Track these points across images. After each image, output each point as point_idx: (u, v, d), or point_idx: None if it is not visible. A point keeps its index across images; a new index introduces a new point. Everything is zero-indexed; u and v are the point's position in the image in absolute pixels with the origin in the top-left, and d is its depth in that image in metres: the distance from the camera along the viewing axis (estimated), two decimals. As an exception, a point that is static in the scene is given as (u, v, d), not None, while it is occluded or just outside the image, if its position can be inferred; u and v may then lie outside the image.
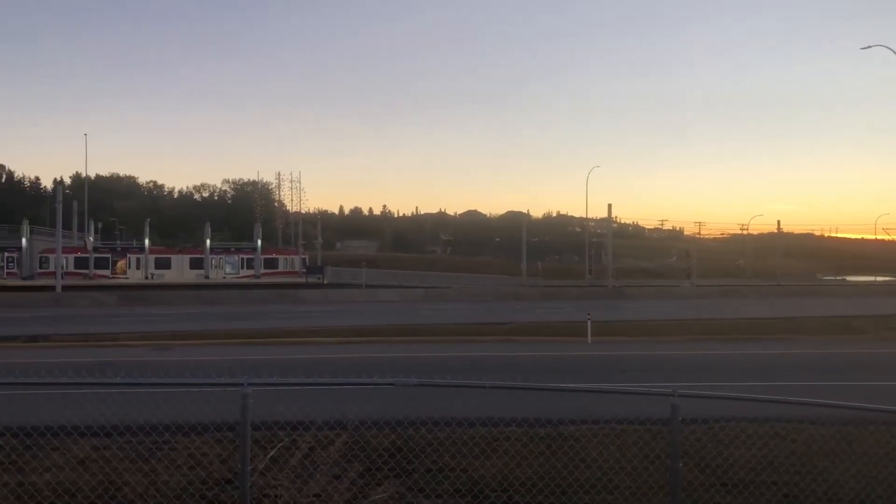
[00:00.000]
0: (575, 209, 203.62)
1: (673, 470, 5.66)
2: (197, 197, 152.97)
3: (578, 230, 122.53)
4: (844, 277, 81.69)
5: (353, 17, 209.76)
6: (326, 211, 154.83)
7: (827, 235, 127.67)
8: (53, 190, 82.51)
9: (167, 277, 64.65)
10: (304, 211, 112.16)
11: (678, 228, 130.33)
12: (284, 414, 8.45)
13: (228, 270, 69.70)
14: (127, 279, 64.08)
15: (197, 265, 67.83)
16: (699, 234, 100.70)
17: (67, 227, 59.58)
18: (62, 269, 51.47)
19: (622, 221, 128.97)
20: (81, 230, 75.51)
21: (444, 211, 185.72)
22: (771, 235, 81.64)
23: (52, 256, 59.88)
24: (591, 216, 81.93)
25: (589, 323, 23.20)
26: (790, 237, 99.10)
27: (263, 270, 69.26)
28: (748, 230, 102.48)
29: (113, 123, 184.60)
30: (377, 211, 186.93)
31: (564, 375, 16.56)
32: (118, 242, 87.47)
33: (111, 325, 29.56)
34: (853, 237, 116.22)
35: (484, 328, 27.00)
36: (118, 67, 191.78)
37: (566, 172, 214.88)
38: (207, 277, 65.61)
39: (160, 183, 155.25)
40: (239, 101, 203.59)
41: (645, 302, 46.36)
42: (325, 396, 9.27)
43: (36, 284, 56.53)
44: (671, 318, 31.33)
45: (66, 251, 57.95)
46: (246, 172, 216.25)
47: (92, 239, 75.53)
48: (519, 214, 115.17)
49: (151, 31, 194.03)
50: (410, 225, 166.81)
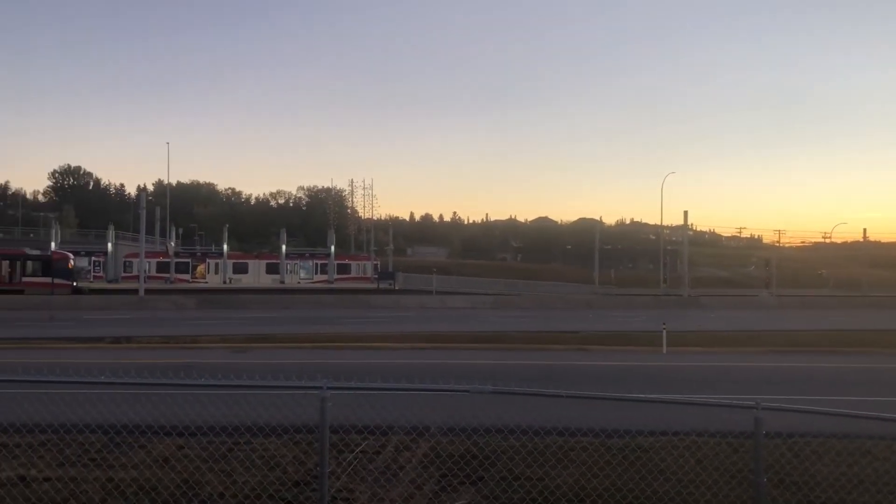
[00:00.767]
0: (649, 216, 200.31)
1: (757, 485, 5.46)
2: (273, 203, 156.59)
3: (653, 238, 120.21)
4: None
5: (424, 23, 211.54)
6: (397, 217, 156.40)
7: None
8: (137, 196, 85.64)
9: (244, 282, 66.32)
10: (375, 217, 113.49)
11: (757, 236, 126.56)
12: (363, 418, 8.52)
13: (303, 275, 71.07)
14: (206, 283, 65.96)
15: (273, 270, 69.37)
16: (779, 242, 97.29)
17: (150, 232, 61.79)
18: (145, 272, 53.36)
19: (698, 229, 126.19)
20: (163, 235, 78.13)
21: (514, 218, 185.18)
22: (856, 244, 78.41)
23: (135, 261, 62.18)
24: (665, 223, 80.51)
25: (664, 332, 22.68)
26: (877, 246, 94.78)
27: (336, 276, 70.33)
28: (831, 239, 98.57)
29: (194, 132, 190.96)
30: (447, 217, 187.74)
31: (638, 386, 16.21)
32: (198, 247, 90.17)
33: (191, 327, 30.44)
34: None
35: (555, 336, 26.70)
36: (200, 78, 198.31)
37: (640, 179, 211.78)
38: (283, 282, 67.00)
39: (238, 190, 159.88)
40: (315, 109, 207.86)
41: (722, 312, 45.12)
42: (400, 401, 9.30)
43: (120, 287, 58.75)
44: (750, 328, 30.39)
45: (148, 256, 60.04)
46: (320, 179, 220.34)
47: (173, 244, 78.03)
48: (591, 221, 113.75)
49: (230, 42, 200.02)
50: (480, 232, 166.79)
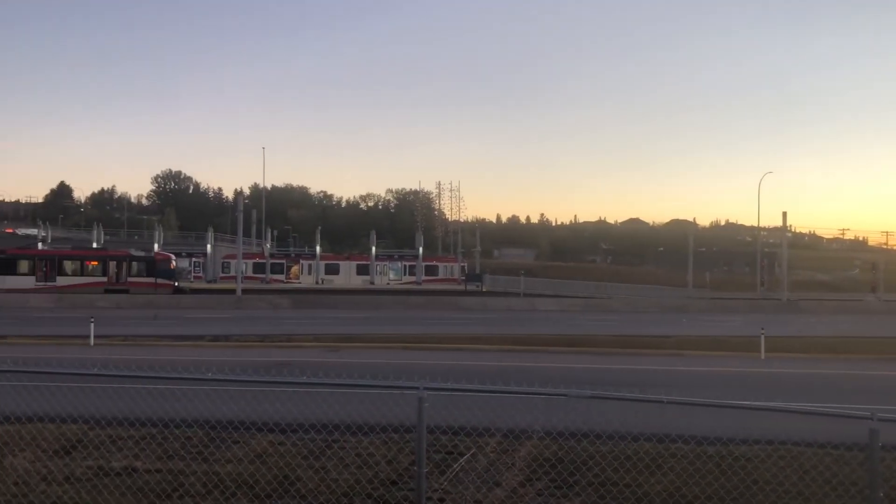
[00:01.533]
0: (745, 217, 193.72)
1: (872, 501, 5.14)
2: (363, 206, 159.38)
3: (749, 239, 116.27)
4: None
5: (511, 23, 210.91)
6: (484, 219, 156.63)
7: None
8: (234, 200, 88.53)
9: (336, 282, 67.74)
10: (462, 219, 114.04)
11: (861, 238, 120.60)
12: (456, 419, 8.53)
13: (392, 276, 72.08)
14: (299, 283, 67.71)
15: (363, 271, 70.61)
16: (886, 244, 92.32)
17: (246, 234, 63.85)
18: (242, 273, 55.20)
19: (797, 230, 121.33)
20: (259, 237, 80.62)
21: (604, 219, 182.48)
22: (974, 246, 73.50)
23: (232, 262, 64.43)
24: (763, 225, 77.44)
25: (762, 337, 21.84)
26: None
27: (424, 277, 70.99)
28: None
29: (289, 137, 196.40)
30: (535, 219, 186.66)
31: (734, 392, 15.61)
32: (291, 249, 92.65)
33: (285, 326, 31.26)
34: None
35: (648, 341, 26.10)
36: (294, 84, 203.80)
37: (735, 178, 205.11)
38: (372, 283, 68.09)
39: (329, 193, 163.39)
40: (403, 112, 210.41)
41: (823, 317, 43.12)
42: (493, 403, 9.29)
43: (218, 287, 60.95)
44: (855, 334, 28.90)
45: (245, 257, 62.06)
46: (408, 182, 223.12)
47: (268, 246, 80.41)
48: (684, 223, 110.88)
49: (322, 48, 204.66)
50: (569, 233, 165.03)
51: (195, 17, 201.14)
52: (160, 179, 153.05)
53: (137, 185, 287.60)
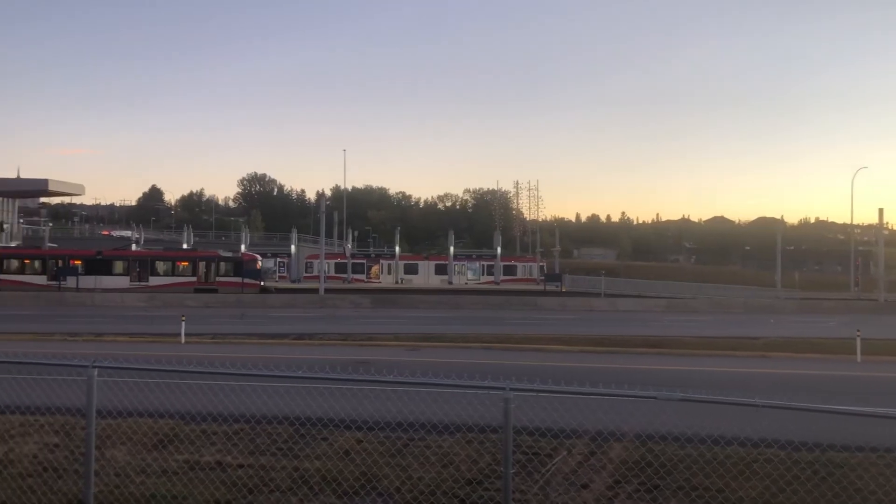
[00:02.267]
0: (836, 215, 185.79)
1: None
2: (441, 206, 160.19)
3: (841, 238, 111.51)
4: None
5: (589, 22, 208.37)
6: (563, 218, 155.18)
7: None
8: (316, 201, 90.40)
9: (414, 282, 68.31)
10: (541, 219, 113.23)
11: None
12: (540, 421, 8.47)
13: (470, 276, 72.17)
14: (379, 283, 68.60)
15: (441, 271, 70.94)
16: None
17: (329, 235, 64.97)
18: (324, 273, 56.28)
19: (894, 228, 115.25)
20: (341, 238, 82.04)
21: (687, 217, 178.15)
22: None
23: (315, 262, 65.75)
24: (856, 222, 74.11)
25: (858, 340, 20.88)
26: None
27: (503, 277, 70.79)
28: None
29: (368, 139, 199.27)
30: (615, 218, 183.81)
31: (829, 396, 14.99)
32: (371, 249, 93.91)
33: (367, 325, 31.71)
34: None
35: (734, 342, 25.30)
36: (374, 89, 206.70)
37: (826, 175, 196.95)
38: (451, 283, 68.33)
39: (408, 194, 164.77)
40: (480, 112, 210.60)
41: (925, 318, 40.90)
42: (575, 405, 9.14)
43: (302, 287, 62.28)
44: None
45: (327, 257, 63.23)
46: (486, 182, 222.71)
47: (350, 246, 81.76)
48: (772, 221, 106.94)
49: (400, 51, 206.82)
50: (651, 232, 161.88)
51: (273, 24, 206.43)
52: (246, 182, 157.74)
53: (224, 187, 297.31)
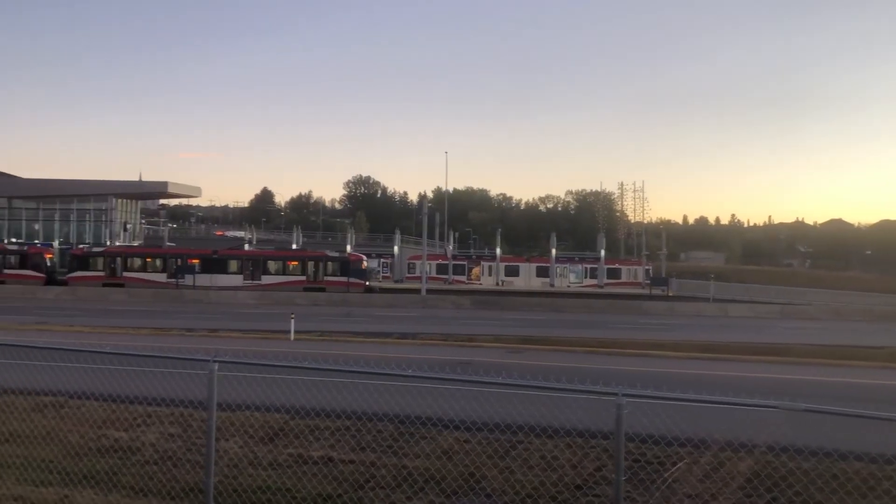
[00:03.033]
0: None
1: None
2: (542, 208, 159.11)
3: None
4: None
5: (695, 22, 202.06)
6: (669, 221, 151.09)
7: None
8: (418, 203, 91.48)
9: (515, 284, 68.05)
10: (646, 221, 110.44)
11: None
12: (660, 428, 8.27)
13: (572, 279, 71.25)
14: (480, 284, 68.71)
15: (543, 273, 70.36)
16: None
17: (430, 236, 65.58)
18: (426, 274, 56.89)
19: None
20: (442, 239, 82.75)
21: (801, 220, 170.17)
22: None
23: (417, 262, 66.55)
24: None
25: None
26: None
27: (606, 280, 69.53)
28: None
29: (469, 141, 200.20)
30: (724, 220, 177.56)
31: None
32: (472, 251, 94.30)
33: (467, 326, 31.85)
34: None
35: (855, 351, 23.99)
36: (474, 91, 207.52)
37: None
38: (552, 285, 67.69)
39: (509, 195, 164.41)
40: (583, 113, 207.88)
41: None
42: (683, 413, 8.89)
43: (404, 287, 63.17)
44: None
45: (429, 258, 63.88)
46: (589, 183, 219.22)
47: (451, 247, 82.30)
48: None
49: (498, 53, 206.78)
50: (762, 235, 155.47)
51: (378, 28, 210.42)
52: (351, 185, 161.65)
53: (331, 190, 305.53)
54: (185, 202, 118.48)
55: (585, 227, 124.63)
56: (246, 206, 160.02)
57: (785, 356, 22.56)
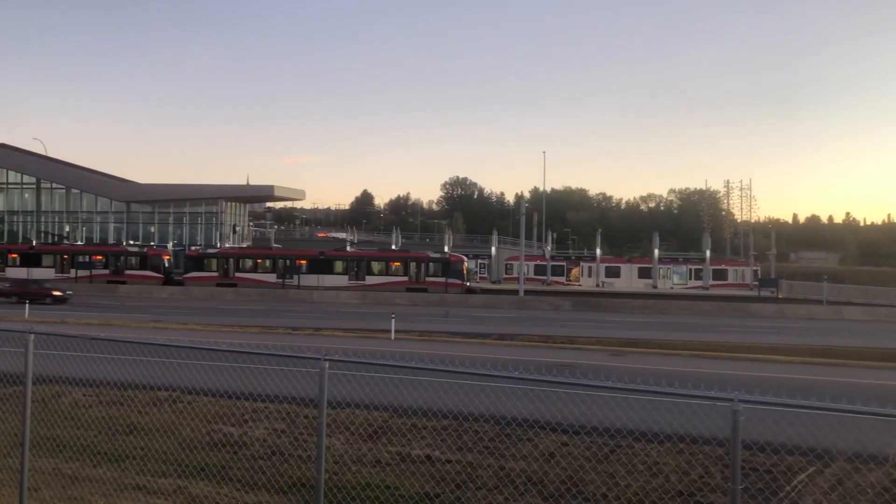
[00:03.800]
0: None
1: None
2: (643, 207, 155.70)
3: None
4: None
5: (803, 14, 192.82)
6: (778, 219, 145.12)
7: None
8: (515, 204, 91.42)
9: (616, 285, 66.75)
10: (753, 220, 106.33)
11: None
12: (773, 436, 7.94)
13: (676, 280, 69.31)
14: (579, 286, 67.77)
15: (645, 274, 68.78)
16: None
17: (527, 237, 65.19)
18: (524, 275, 56.58)
19: None
20: (539, 240, 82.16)
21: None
22: None
23: (515, 263, 66.29)
24: None
25: None
26: None
27: (712, 282, 67.28)
28: None
29: (567, 140, 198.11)
30: (838, 219, 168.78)
31: None
32: (571, 251, 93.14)
33: (567, 328, 31.46)
34: None
35: None
36: (572, 91, 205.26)
37: None
38: (655, 287, 66.06)
39: (608, 195, 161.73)
40: (685, 109, 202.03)
41: None
42: (805, 420, 8.48)
43: (502, 288, 63.06)
44: None
45: (527, 259, 63.53)
46: (692, 181, 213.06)
47: (549, 248, 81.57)
48: None
49: (597, 57, 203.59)
50: (882, 234, 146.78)
51: (475, 32, 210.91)
52: (448, 186, 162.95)
53: (429, 191, 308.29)
54: (288, 205, 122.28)
55: (689, 226, 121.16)
56: (346, 208, 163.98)
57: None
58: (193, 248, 65.49)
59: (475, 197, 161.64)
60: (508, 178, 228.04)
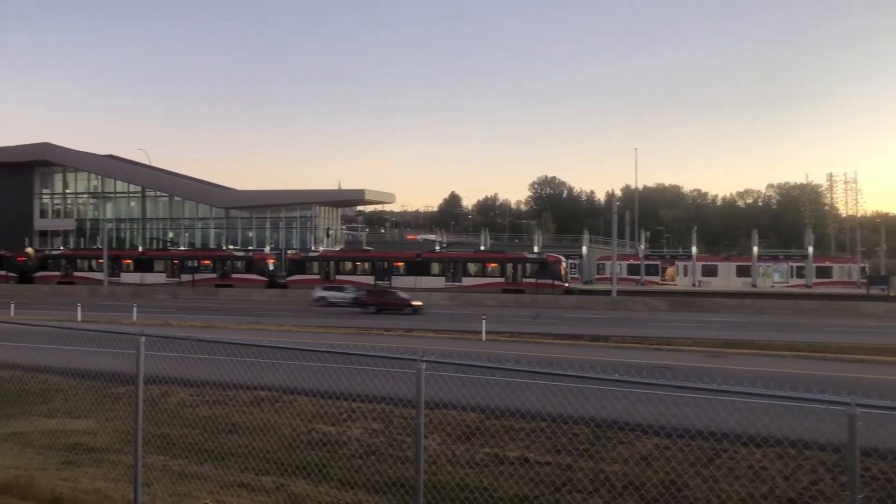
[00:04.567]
0: None
1: None
2: (740, 204, 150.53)
3: None
4: None
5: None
6: (888, 214, 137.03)
7: None
8: (606, 202, 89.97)
9: (713, 285, 64.74)
10: (860, 214, 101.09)
11: None
12: (890, 442, 7.55)
13: (776, 279, 66.69)
14: (675, 285, 66.10)
15: (744, 273, 66.51)
16: None
17: (619, 235, 64.08)
18: (616, 274, 55.57)
19: None
20: (632, 239, 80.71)
21: None
22: None
23: (607, 263, 65.27)
24: None
25: None
26: None
27: (815, 280, 64.40)
28: None
29: (660, 136, 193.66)
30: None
31: None
32: (665, 250, 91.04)
33: (662, 329, 30.75)
34: None
35: None
36: (664, 86, 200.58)
37: None
38: (754, 286, 63.77)
39: (704, 191, 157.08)
40: (781, 103, 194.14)
41: None
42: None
43: (594, 288, 62.12)
44: None
45: (619, 258, 62.42)
46: (793, 176, 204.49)
47: (642, 247, 80.00)
48: None
49: (694, 52, 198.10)
50: None
51: (566, 34, 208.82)
52: (536, 185, 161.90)
53: (516, 191, 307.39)
54: (378, 208, 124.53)
55: (789, 223, 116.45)
56: (435, 210, 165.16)
57: None
58: (291, 251, 67.41)
59: (564, 196, 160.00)
60: (598, 176, 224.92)
